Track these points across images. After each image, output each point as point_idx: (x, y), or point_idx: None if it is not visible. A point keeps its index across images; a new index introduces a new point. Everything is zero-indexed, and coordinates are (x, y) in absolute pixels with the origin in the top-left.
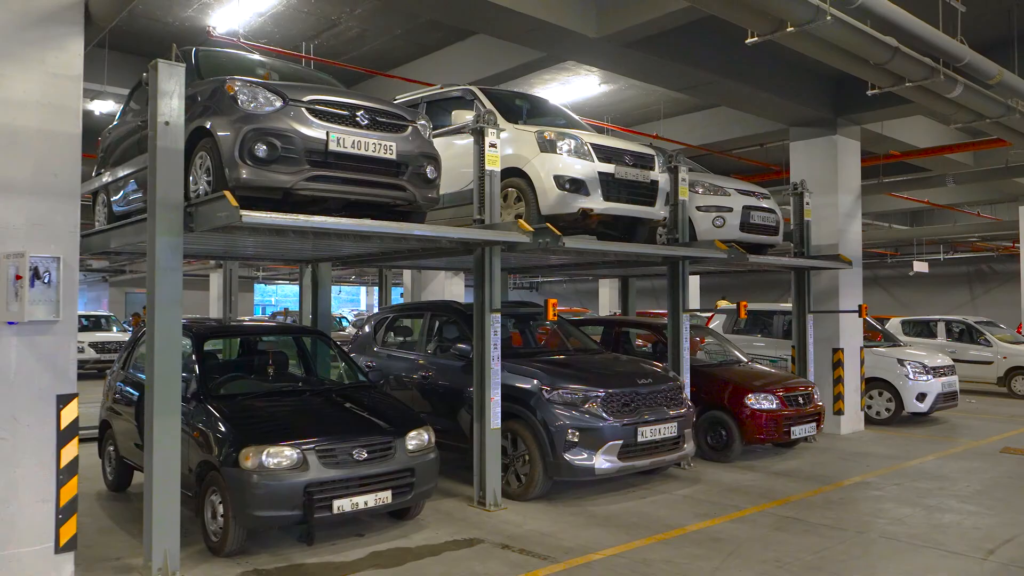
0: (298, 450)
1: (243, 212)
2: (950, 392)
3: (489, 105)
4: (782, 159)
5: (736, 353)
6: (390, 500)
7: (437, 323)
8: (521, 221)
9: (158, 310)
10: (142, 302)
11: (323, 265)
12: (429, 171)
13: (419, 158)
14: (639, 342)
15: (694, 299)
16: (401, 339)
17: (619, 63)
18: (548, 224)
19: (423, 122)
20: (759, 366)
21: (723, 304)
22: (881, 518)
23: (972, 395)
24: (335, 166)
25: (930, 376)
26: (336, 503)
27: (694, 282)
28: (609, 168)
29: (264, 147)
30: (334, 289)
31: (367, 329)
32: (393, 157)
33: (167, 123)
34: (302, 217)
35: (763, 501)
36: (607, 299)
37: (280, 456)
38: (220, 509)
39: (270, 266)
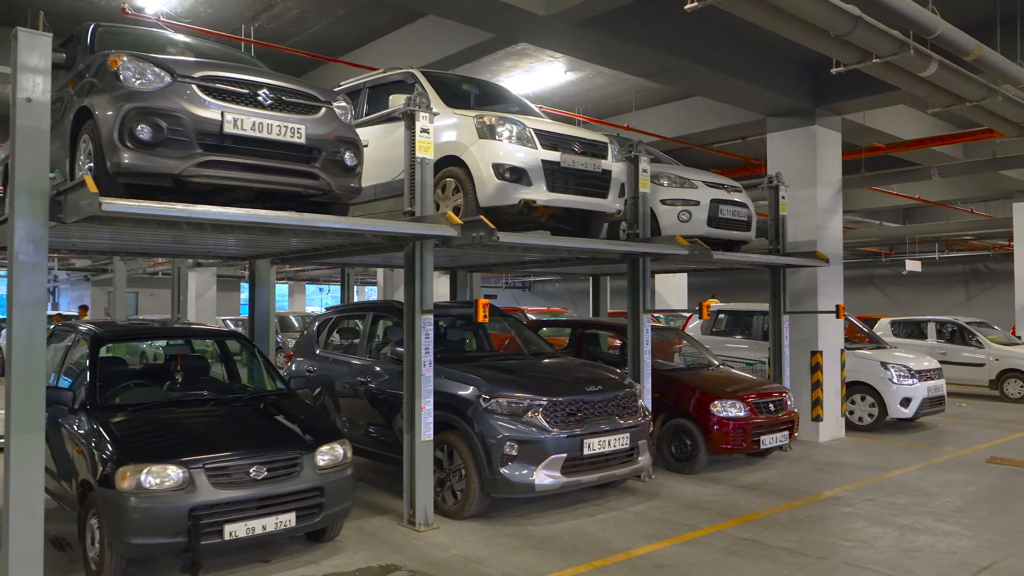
0: (184, 469)
1: (103, 200)
2: (937, 397)
3: (429, 89)
4: (763, 153)
5: (707, 356)
6: (294, 523)
7: (379, 325)
8: (450, 213)
9: (17, 312)
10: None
11: (260, 262)
12: (347, 157)
13: (335, 143)
14: (617, 344)
15: (680, 299)
16: (343, 342)
17: (574, 45)
18: (482, 216)
19: (342, 104)
20: (731, 370)
21: (714, 303)
22: (848, 540)
23: (963, 399)
24: (232, 150)
25: (915, 380)
26: (228, 528)
27: (680, 281)
28: (554, 156)
29: (147, 128)
30: (323, 288)
31: (314, 330)
32: (302, 141)
33: (29, 100)
34: (179, 206)
35: (722, 519)
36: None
37: (162, 476)
38: (99, 535)
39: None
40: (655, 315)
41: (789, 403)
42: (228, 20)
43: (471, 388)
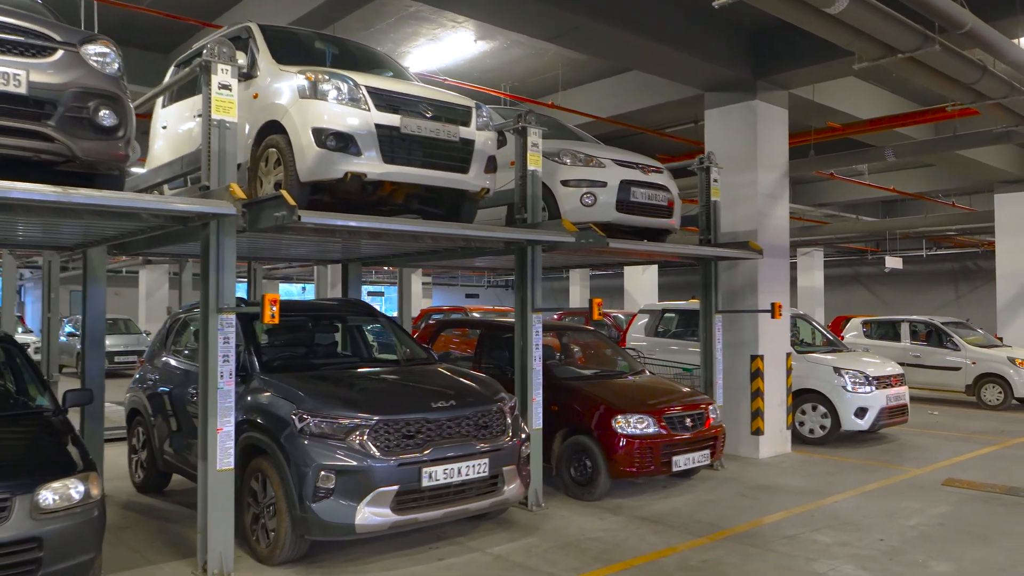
0: None
1: None
2: (897, 406)
3: (262, 44)
4: None
5: (630, 361)
6: None
7: None
8: (234, 186)
9: None
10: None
11: (94, 252)
12: (103, 116)
13: (80, 96)
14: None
15: (651, 298)
16: (188, 346)
17: None
18: (283, 192)
19: (99, 48)
20: (651, 379)
21: (695, 303)
22: None
23: (937, 405)
24: None
25: (872, 387)
26: None
27: (651, 279)
28: (392, 120)
29: None
30: (305, 287)
31: (164, 332)
32: (22, 91)
33: None
34: None
35: (597, 566)
36: (578, 296)
37: None
38: None
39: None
40: (611, 316)
41: (713, 417)
42: None
43: (289, 404)
